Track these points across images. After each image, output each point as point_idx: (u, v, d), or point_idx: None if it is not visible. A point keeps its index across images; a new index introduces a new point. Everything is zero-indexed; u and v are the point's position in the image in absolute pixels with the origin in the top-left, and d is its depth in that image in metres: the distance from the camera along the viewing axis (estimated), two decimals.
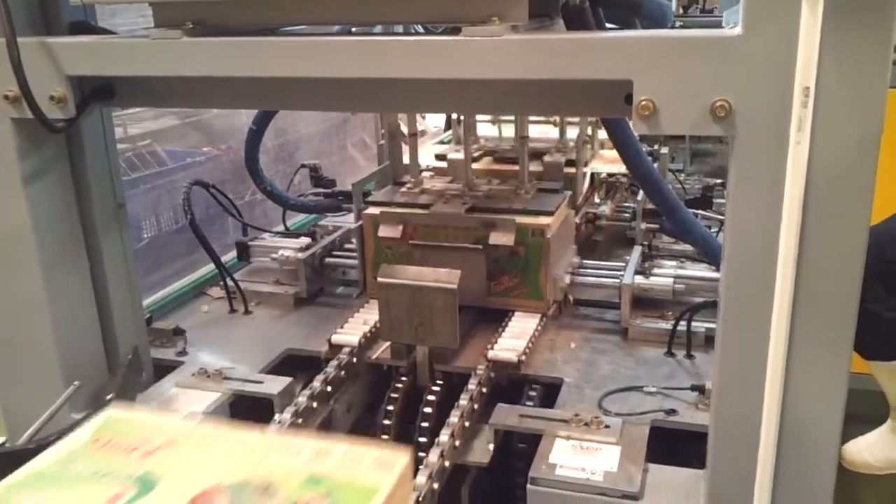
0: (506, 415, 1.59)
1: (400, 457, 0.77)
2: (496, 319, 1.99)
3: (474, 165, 2.41)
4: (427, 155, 2.61)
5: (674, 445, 1.59)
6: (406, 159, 2.39)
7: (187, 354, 1.92)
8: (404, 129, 2.36)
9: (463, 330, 1.84)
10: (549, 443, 1.48)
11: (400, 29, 1.87)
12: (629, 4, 1.48)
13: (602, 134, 2.84)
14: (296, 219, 2.79)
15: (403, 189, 2.23)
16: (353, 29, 1.61)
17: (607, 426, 1.52)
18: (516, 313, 2.00)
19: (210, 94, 1.54)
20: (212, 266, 2.40)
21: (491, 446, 1.56)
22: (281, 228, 2.65)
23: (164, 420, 0.92)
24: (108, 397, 1.43)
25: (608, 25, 1.51)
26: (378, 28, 1.79)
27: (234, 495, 0.71)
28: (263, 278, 2.31)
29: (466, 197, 2.10)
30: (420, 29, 1.73)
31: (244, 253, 2.39)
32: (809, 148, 1.09)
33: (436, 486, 1.39)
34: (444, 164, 2.51)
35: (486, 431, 1.60)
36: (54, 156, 1.57)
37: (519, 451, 1.62)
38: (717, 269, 1.95)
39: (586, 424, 1.52)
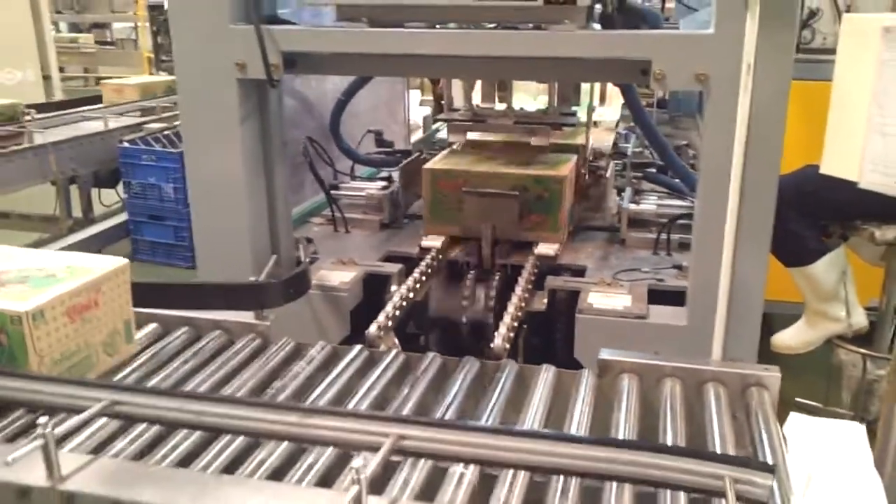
0: (554, 280, 2.41)
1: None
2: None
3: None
4: None
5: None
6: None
7: (318, 254, 2.68)
8: None
9: (507, 249, 2.65)
10: (585, 294, 2.30)
11: None
12: (639, 15, 2.30)
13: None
14: (359, 172, 3.55)
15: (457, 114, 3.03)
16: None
17: (621, 285, 2.35)
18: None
19: (363, 65, 2.32)
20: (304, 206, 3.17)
21: (545, 300, 2.37)
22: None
23: None
24: (304, 260, 2.19)
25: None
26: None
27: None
28: (352, 210, 3.09)
29: (511, 117, 2.91)
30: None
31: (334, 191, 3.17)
32: (750, 100, 1.93)
33: (520, 313, 2.19)
34: None
35: (539, 294, 2.41)
36: (254, 106, 2.33)
37: (558, 308, 2.42)
38: (691, 192, 2.80)
39: (608, 285, 2.35)
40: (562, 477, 1.34)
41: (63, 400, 1.42)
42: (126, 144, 4.76)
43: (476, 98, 3.13)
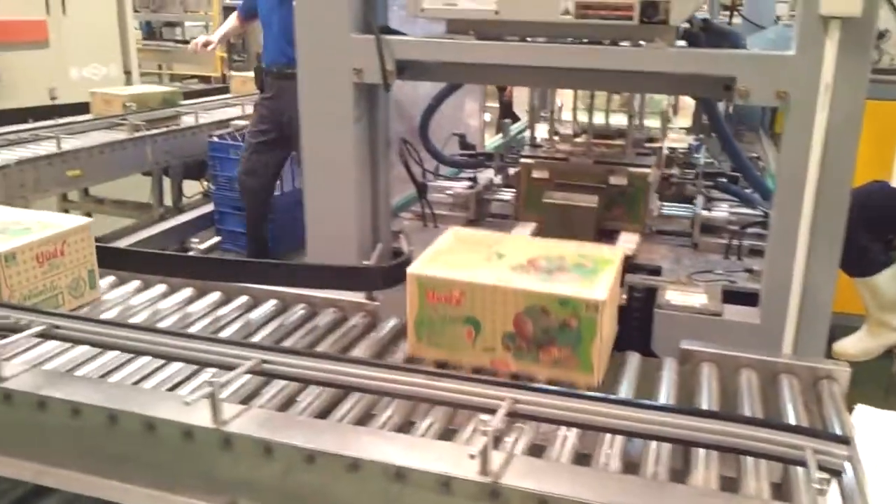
0: (633, 278, 2.59)
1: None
2: (609, 237, 2.99)
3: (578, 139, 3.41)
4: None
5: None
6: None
7: (412, 246, 2.91)
8: None
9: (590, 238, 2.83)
10: (663, 292, 2.48)
11: None
12: (722, 35, 2.47)
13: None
14: (443, 172, 3.78)
15: (543, 148, 3.22)
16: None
17: (697, 285, 2.52)
18: (622, 233, 3.00)
19: (466, 73, 2.53)
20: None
21: (625, 296, 2.55)
22: None
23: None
24: (406, 250, 2.42)
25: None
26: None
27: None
28: (439, 207, 3.31)
29: (591, 154, 3.10)
30: None
31: (424, 189, 3.39)
32: (826, 117, 2.09)
33: None
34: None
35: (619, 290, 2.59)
36: (365, 107, 2.56)
37: (632, 305, 2.59)
38: (762, 199, 2.96)
39: (684, 284, 2.52)
40: (654, 443, 1.54)
41: (215, 357, 1.66)
42: (215, 139, 5.06)
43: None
